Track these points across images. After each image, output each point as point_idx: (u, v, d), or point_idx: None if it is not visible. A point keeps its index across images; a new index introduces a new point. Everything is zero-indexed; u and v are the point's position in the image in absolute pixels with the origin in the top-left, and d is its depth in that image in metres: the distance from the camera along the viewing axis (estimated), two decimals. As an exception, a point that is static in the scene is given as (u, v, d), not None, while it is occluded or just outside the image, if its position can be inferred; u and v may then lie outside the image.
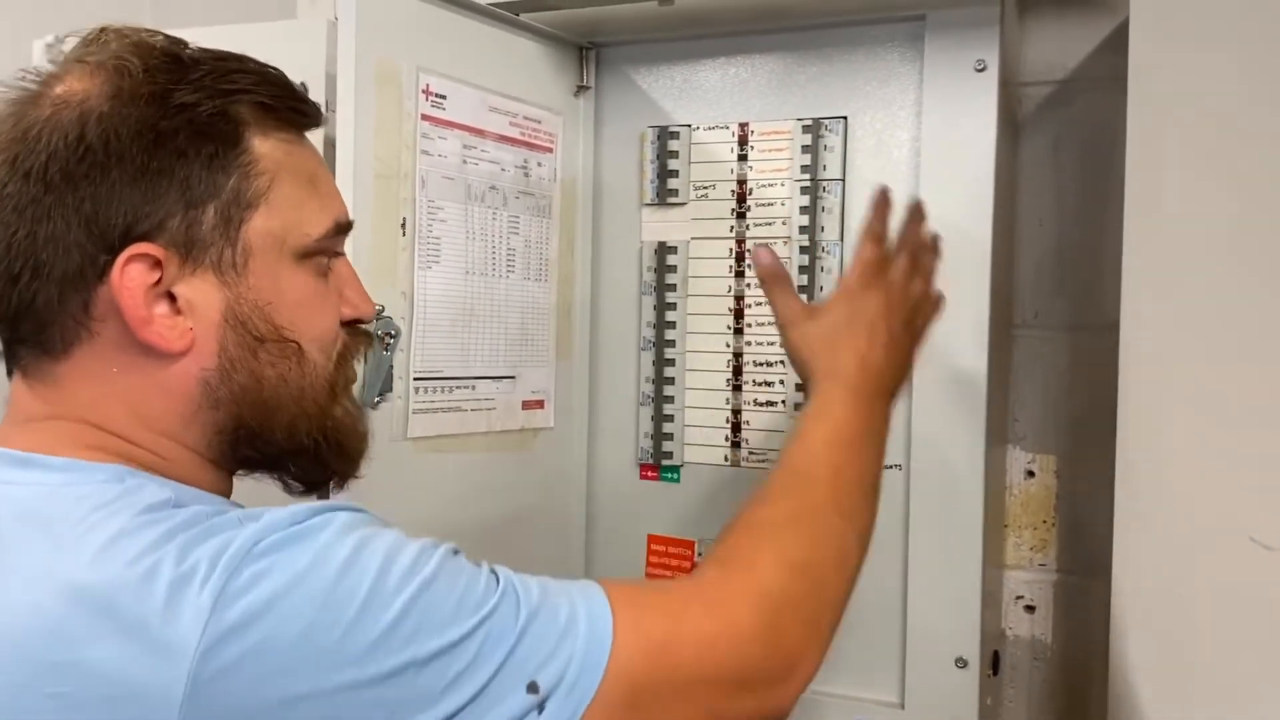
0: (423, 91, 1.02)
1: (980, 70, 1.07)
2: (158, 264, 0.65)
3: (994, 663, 1.17)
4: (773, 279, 0.93)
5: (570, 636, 0.64)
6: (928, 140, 1.09)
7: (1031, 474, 1.21)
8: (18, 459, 0.65)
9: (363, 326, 0.77)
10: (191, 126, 0.66)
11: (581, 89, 1.23)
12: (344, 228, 0.73)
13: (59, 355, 0.67)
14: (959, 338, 1.07)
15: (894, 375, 0.89)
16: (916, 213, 0.94)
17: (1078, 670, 1.19)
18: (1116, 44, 0.98)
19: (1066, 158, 1.19)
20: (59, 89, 0.66)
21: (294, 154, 0.71)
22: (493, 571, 0.67)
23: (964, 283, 1.07)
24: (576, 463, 1.25)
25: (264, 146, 0.68)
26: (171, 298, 0.66)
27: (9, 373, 0.70)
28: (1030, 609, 1.21)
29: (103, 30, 0.69)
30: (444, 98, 1.05)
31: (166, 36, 0.70)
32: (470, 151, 1.08)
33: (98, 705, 0.57)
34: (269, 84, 0.70)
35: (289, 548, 0.60)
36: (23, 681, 0.58)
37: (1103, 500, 0.96)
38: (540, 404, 1.19)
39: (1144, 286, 0.94)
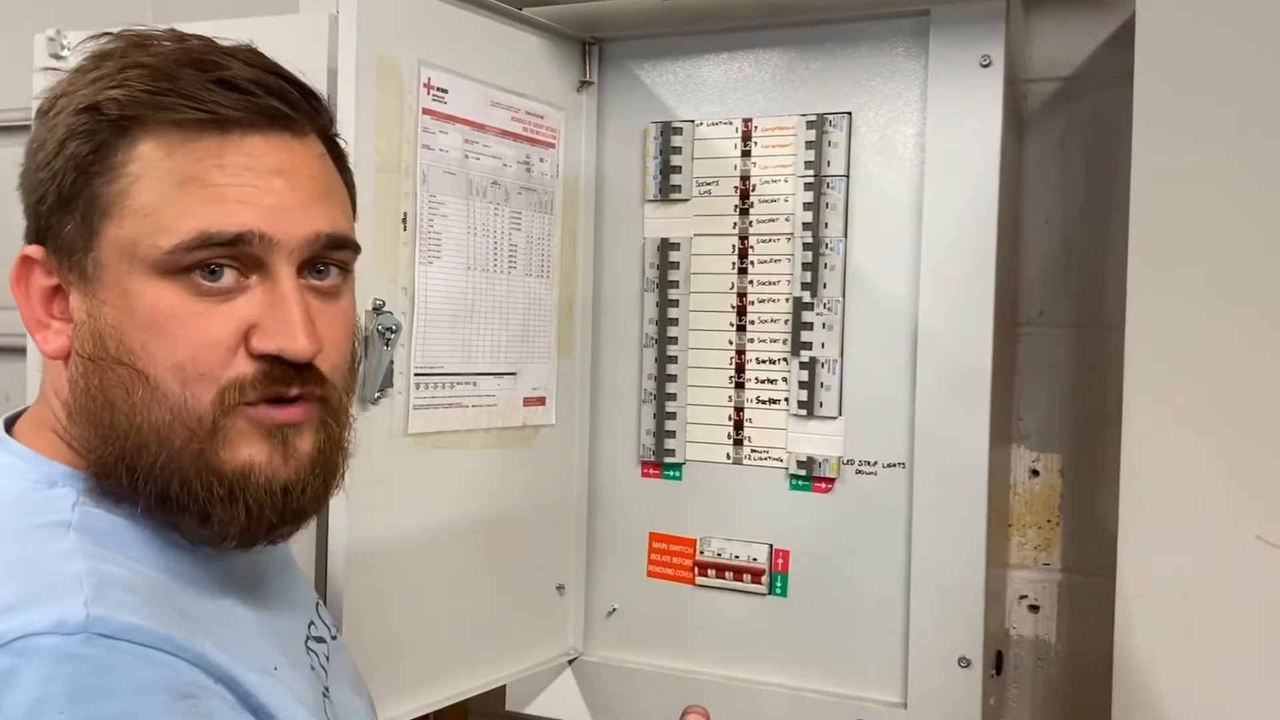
0: (424, 86, 1.02)
1: (985, 66, 1.06)
2: (49, 269, 0.66)
3: (998, 662, 1.16)
4: None
5: None
6: (932, 136, 1.08)
7: (1036, 473, 1.20)
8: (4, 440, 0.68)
9: (313, 364, 0.65)
10: (68, 129, 0.64)
11: (584, 84, 1.22)
12: (213, 239, 0.62)
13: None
14: (963, 335, 1.07)
15: None
16: None
17: (1082, 670, 1.18)
18: (1123, 40, 0.97)
19: (1072, 154, 1.18)
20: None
21: (179, 155, 0.63)
22: None
23: (968, 280, 1.07)
24: (578, 460, 1.24)
25: (145, 146, 0.63)
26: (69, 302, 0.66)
27: None
28: (1034, 609, 1.21)
29: (92, 36, 0.68)
30: (445, 92, 1.04)
31: (136, 34, 0.67)
32: (472, 146, 1.07)
33: None
34: (167, 77, 0.63)
35: (37, 667, 0.53)
36: None
37: (1108, 499, 0.95)
38: (541, 401, 1.18)
39: (1149, 285, 0.93)
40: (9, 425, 0.70)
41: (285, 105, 0.66)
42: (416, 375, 1.02)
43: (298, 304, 0.64)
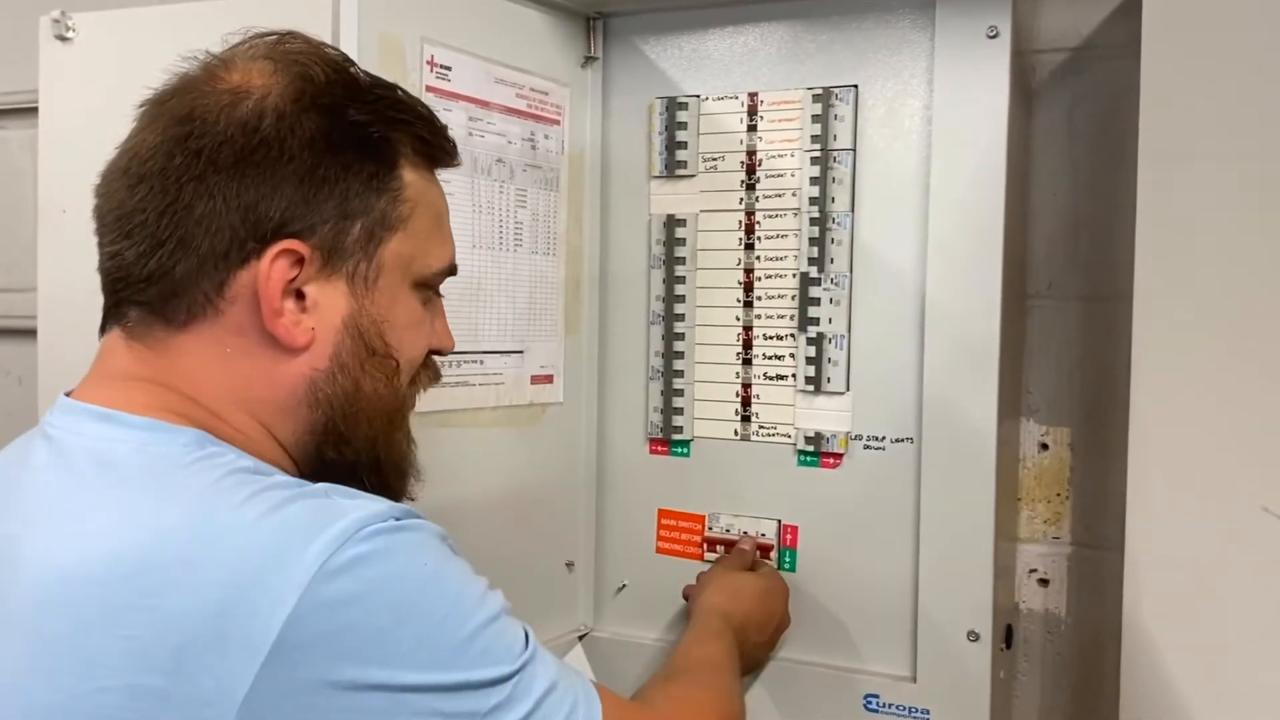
0: (427, 63, 1.01)
1: (993, 37, 1.05)
2: (300, 262, 0.68)
3: (1007, 636, 1.16)
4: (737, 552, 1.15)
5: (572, 718, 0.69)
6: (939, 109, 1.07)
7: (1045, 446, 1.20)
8: (99, 414, 0.68)
9: (435, 360, 0.81)
10: (360, 144, 0.70)
11: (589, 60, 1.22)
12: (454, 269, 0.79)
13: (178, 325, 0.69)
14: (971, 309, 1.06)
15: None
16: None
17: (1091, 644, 1.18)
18: (1131, 10, 0.96)
19: (1081, 126, 1.17)
20: (236, 78, 0.70)
21: (431, 190, 0.76)
22: (526, 632, 0.71)
23: (976, 253, 1.06)
24: (586, 438, 1.24)
25: (411, 177, 0.73)
26: (300, 296, 0.69)
27: (103, 329, 0.73)
28: (1044, 582, 1.21)
29: (290, 34, 0.73)
30: (449, 69, 1.03)
31: (339, 52, 0.74)
32: (476, 124, 1.07)
33: (168, 654, 0.58)
34: (425, 120, 0.75)
35: (389, 540, 0.63)
36: (93, 621, 0.60)
37: (1117, 472, 0.95)
38: (549, 379, 1.18)
39: (1157, 257, 0.92)
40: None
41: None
42: (423, 354, 1.02)
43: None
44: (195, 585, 0.59)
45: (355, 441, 0.74)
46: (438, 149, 0.76)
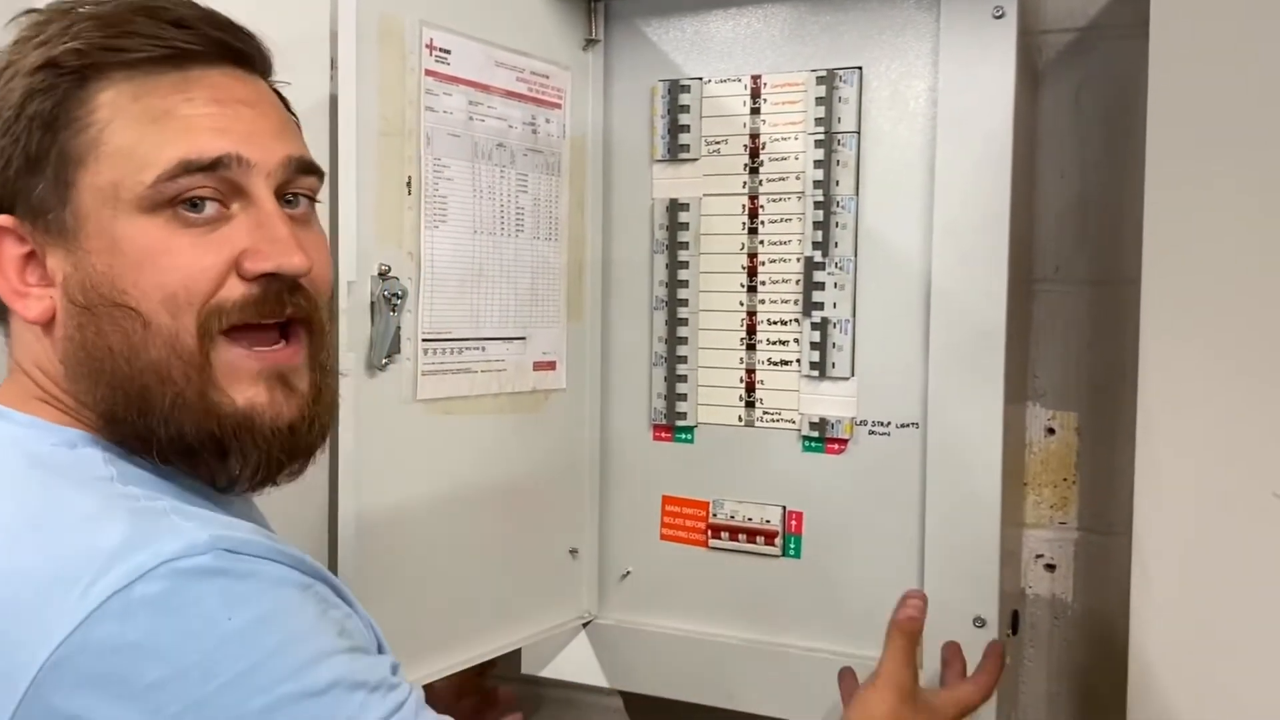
0: (426, 46, 1.00)
1: (998, 17, 1.04)
2: (21, 236, 0.65)
3: (1014, 622, 1.16)
4: (908, 633, 0.97)
5: None
6: (944, 90, 1.06)
7: (1052, 431, 1.19)
8: None
9: (301, 284, 0.67)
10: (25, 90, 0.64)
11: (590, 42, 1.20)
12: (194, 165, 0.64)
13: (3, 311, 0.69)
14: (977, 293, 1.05)
15: None
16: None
17: (1098, 629, 1.17)
18: (1139, -12, 0.95)
19: (1088, 108, 1.16)
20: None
21: (145, 95, 0.64)
22: (401, 701, 0.61)
23: (982, 237, 1.05)
24: (589, 424, 1.23)
25: (107, 95, 0.64)
26: (45, 267, 0.66)
27: None
28: (1050, 568, 1.20)
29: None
30: (448, 52, 1.02)
31: (67, 1, 0.67)
32: (476, 108, 1.06)
33: None
34: (113, 25, 0.65)
35: (190, 584, 0.56)
36: None
37: (1124, 458, 0.94)
38: (552, 365, 1.17)
39: (1165, 240, 0.91)
40: None
41: (238, 41, 0.69)
42: (424, 341, 1.02)
43: (284, 222, 0.66)
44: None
45: (155, 411, 0.64)
46: (136, 49, 0.64)
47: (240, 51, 0.69)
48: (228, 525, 0.61)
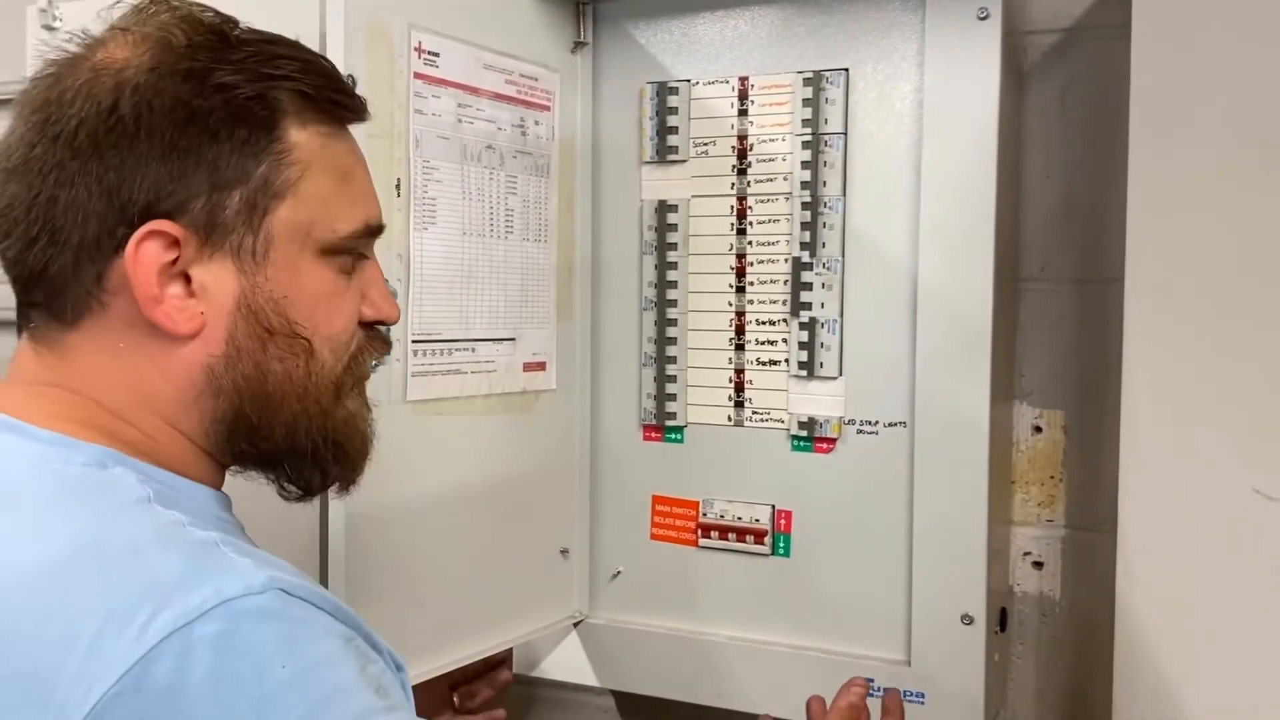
0: (415, 49, 1.01)
1: (983, 19, 1.04)
2: (175, 243, 0.64)
3: (1002, 619, 1.17)
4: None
5: None
6: (930, 91, 1.07)
7: (1039, 429, 1.20)
8: (5, 424, 0.65)
9: (381, 330, 0.76)
10: (227, 108, 0.65)
11: (579, 45, 1.21)
12: (374, 230, 0.73)
13: (69, 324, 0.67)
14: (963, 292, 1.06)
15: None
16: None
17: (1086, 626, 1.18)
18: (1123, -11, 0.95)
19: (1073, 108, 1.17)
20: (99, 55, 0.66)
21: (330, 147, 0.69)
22: None
23: (968, 236, 1.06)
24: (579, 424, 1.24)
25: (300, 136, 0.67)
26: (188, 279, 0.65)
27: (19, 331, 0.70)
28: (1038, 565, 1.21)
29: (158, 0, 0.68)
30: (437, 55, 1.03)
31: (217, 13, 0.69)
32: (465, 110, 1.07)
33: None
34: (313, 72, 0.69)
35: (251, 626, 0.56)
36: None
37: (1110, 455, 0.95)
38: (542, 366, 1.18)
39: (1148, 239, 0.92)
40: None
41: (366, 108, 0.74)
42: (414, 342, 1.02)
43: (383, 278, 0.75)
44: (39, 628, 0.55)
45: (273, 429, 0.69)
46: (329, 102, 0.69)
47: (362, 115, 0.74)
48: (277, 565, 0.61)
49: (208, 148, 0.64)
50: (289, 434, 0.70)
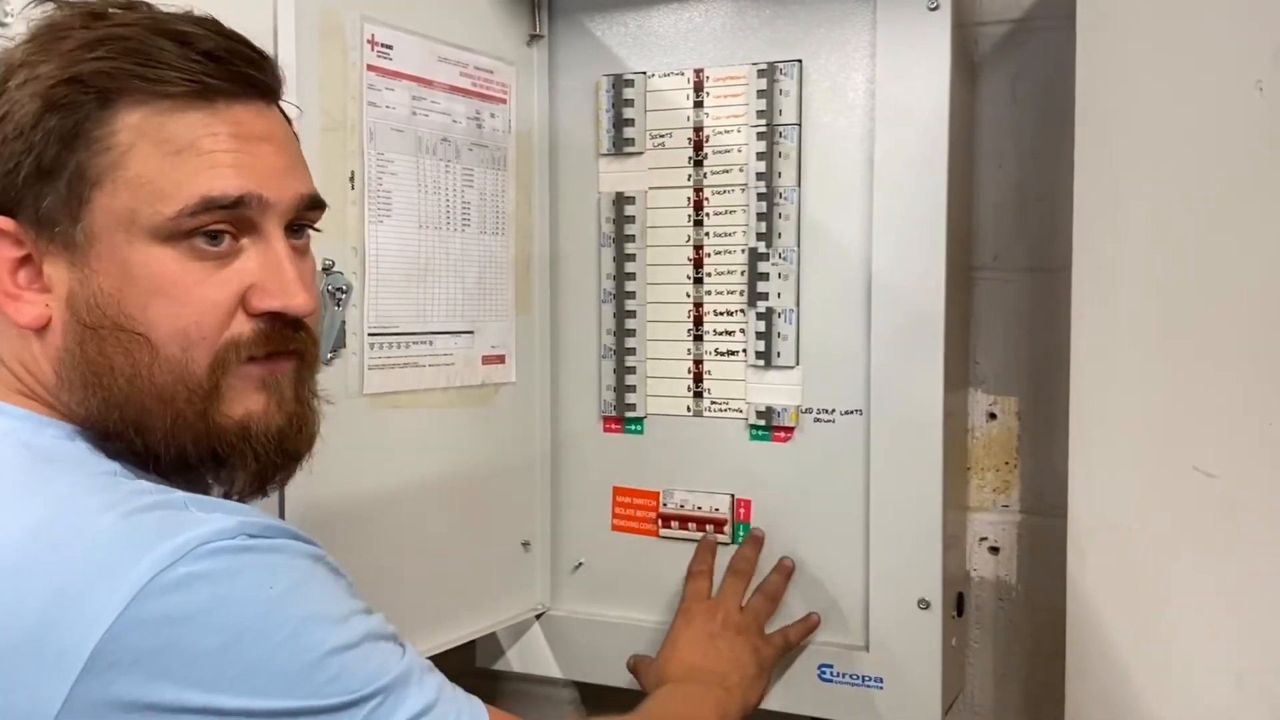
0: (368, 42, 1.00)
1: (933, 10, 1.05)
2: (19, 240, 0.66)
3: (959, 604, 1.18)
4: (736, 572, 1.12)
5: None
6: (882, 82, 1.08)
7: (993, 416, 1.21)
8: None
9: (302, 320, 0.71)
10: (45, 100, 0.64)
11: (534, 38, 1.21)
12: (216, 203, 0.65)
13: None
14: (916, 281, 1.07)
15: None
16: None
17: (1043, 610, 1.20)
18: (1070, -20, 0.96)
19: (1024, 98, 1.18)
20: None
21: (171, 124, 0.65)
22: (405, 655, 0.68)
23: (921, 226, 1.07)
24: (540, 417, 1.24)
25: (131, 117, 0.65)
26: (41, 273, 0.66)
27: None
28: (994, 550, 1.22)
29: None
30: (390, 48, 1.03)
31: (69, 4, 0.68)
32: (420, 103, 1.06)
33: None
34: (142, 51, 0.65)
35: (231, 560, 0.60)
36: None
37: (1064, 441, 0.96)
38: (501, 359, 1.18)
39: (1094, 228, 0.94)
40: None
41: (261, 75, 0.70)
42: (370, 335, 1.02)
43: (292, 263, 0.69)
44: (23, 594, 0.58)
45: (153, 435, 0.67)
46: (164, 80, 0.65)
47: (264, 85, 0.70)
48: (246, 512, 0.64)
49: (34, 142, 0.64)
50: (172, 443, 0.67)
